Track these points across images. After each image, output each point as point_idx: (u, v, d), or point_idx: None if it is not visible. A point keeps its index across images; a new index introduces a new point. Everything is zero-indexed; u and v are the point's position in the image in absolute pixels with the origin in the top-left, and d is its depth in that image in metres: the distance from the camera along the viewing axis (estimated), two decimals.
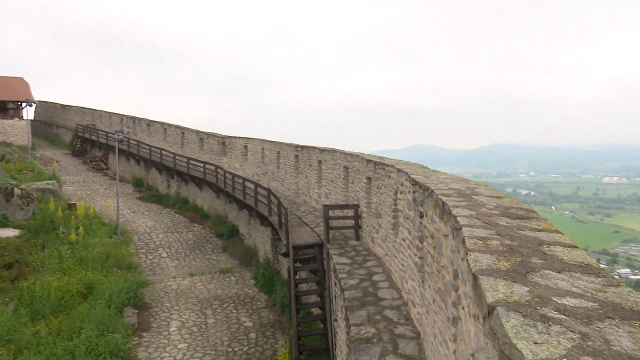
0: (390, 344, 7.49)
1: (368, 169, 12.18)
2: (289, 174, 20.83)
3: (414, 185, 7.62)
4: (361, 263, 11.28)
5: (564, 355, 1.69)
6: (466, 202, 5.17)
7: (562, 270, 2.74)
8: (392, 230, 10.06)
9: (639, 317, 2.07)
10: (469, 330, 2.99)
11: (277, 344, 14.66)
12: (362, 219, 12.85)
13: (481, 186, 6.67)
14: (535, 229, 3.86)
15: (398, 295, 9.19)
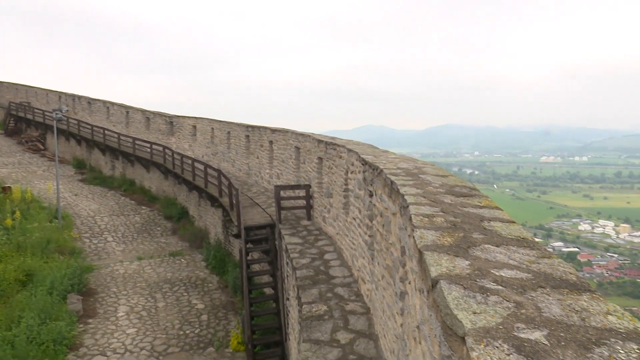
0: (341, 320, 7.67)
1: (319, 149, 12.22)
2: (240, 155, 20.56)
3: (364, 165, 7.74)
4: (313, 242, 11.40)
5: (499, 324, 1.79)
6: (414, 181, 5.31)
7: (501, 244, 2.90)
8: (343, 210, 10.21)
9: (567, 286, 2.23)
10: (415, 303, 3.11)
11: (230, 325, 14.65)
12: (314, 198, 12.94)
13: (428, 165, 6.88)
14: (477, 205, 4.03)
15: (349, 273, 9.38)
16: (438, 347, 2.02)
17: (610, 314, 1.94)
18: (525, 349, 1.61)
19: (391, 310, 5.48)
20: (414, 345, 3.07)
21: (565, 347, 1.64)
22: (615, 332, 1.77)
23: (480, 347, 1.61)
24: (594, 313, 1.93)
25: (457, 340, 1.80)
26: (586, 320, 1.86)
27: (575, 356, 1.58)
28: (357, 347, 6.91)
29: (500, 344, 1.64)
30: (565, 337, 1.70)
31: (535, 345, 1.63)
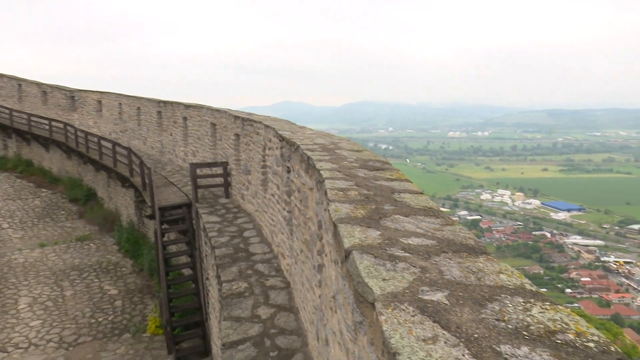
0: (262, 295, 7.73)
1: (236, 125, 11.97)
2: (152, 132, 19.53)
3: (282, 141, 7.73)
4: (232, 220, 11.26)
5: (406, 288, 1.91)
6: (330, 156, 5.41)
7: (410, 214, 3.06)
8: (261, 187, 10.16)
9: (467, 250, 2.43)
10: (331, 275, 3.21)
11: (147, 309, 14.15)
12: (232, 176, 12.72)
13: (344, 141, 7.03)
14: (389, 178, 4.22)
15: (269, 249, 9.43)
16: (351, 314, 2.11)
17: (502, 272, 2.14)
18: (428, 310, 1.73)
19: (310, 283, 5.61)
20: (331, 315, 3.18)
21: (463, 305, 1.79)
22: (505, 288, 1.97)
23: (388, 311, 1.71)
24: (488, 273, 2.12)
25: (367, 307, 1.89)
26: (481, 279, 2.04)
27: (471, 312, 1.73)
28: (278, 321, 7.02)
29: (407, 306, 1.75)
30: (463, 296, 1.86)
31: (437, 305, 1.77)
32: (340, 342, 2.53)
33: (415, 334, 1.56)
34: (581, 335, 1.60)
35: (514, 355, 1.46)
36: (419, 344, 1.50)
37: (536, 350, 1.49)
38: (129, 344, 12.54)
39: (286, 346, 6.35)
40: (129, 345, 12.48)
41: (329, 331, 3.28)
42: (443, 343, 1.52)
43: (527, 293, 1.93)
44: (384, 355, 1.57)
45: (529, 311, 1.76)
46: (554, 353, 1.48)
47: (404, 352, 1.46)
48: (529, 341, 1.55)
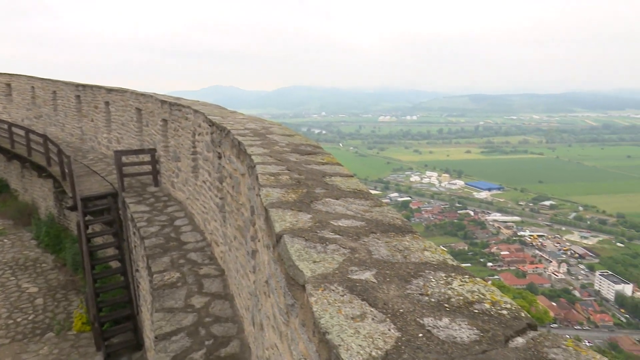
0: (195, 285, 7.57)
1: (163, 110, 11.48)
2: (71, 118, 18.24)
3: (212, 126, 7.53)
4: (162, 209, 10.87)
5: (336, 269, 1.96)
6: (261, 141, 5.36)
7: (340, 197, 3.12)
8: (192, 174, 9.87)
9: (394, 229, 2.52)
10: (264, 260, 3.20)
11: (72, 305, 13.38)
12: (161, 163, 12.24)
13: (275, 125, 6.98)
14: (320, 162, 4.26)
15: (202, 238, 9.23)
16: (283, 298, 2.13)
17: (426, 250, 2.25)
18: (357, 289, 1.79)
19: (244, 269, 5.58)
20: (265, 300, 3.19)
21: (389, 282, 1.86)
22: (429, 264, 2.07)
23: (318, 292, 1.74)
24: (414, 250, 2.22)
25: (298, 289, 1.91)
26: (407, 257, 2.14)
27: (397, 289, 1.81)
28: (213, 309, 6.92)
29: (336, 286, 1.79)
30: (390, 274, 1.94)
31: (365, 284, 1.83)
32: (274, 325, 2.55)
33: (345, 313, 1.60)
34: (496, 304, 1.73)
35: (436, 326, 1.55)
36: (347, 322, 1.54)
37: (456, 321, 1.59)
38: (53, 343, 11.82)
39: (222, 334, 6.29)
40: (52, 344, 11.76)
41: (264, 316, 3.29)
42: (371, 320, 1.57)
43: (449, 268, 2.05)
44: (315, 336, 1.61)
45: (450, 285, 1.87)
46: (471, 322, 1.59)
47: (333, 330, 1.50)
48: (449, 312, 1.65)
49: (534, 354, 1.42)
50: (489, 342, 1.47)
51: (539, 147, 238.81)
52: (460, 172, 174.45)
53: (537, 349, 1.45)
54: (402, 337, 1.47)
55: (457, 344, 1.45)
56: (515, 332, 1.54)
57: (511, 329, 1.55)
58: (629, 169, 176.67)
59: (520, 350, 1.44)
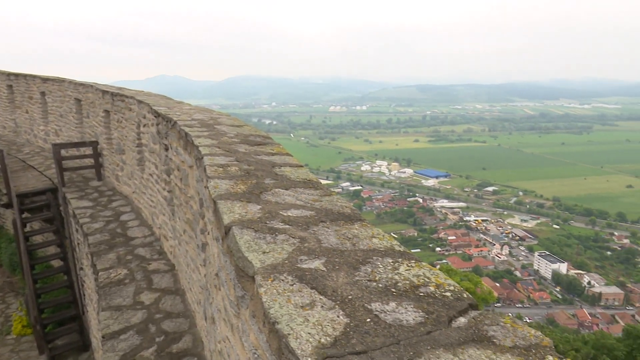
0: (144, 281, 7.35)
1: (105, 101, 10.98)
2: (2, 109, 17.07)
3: (157, 117, 7.29)
4: (106, 204, 10.43)
5: (285, 259, 1.96)
6: (209, 132, 5.25)
7: (290, 187, 3.12)
8: (138, 167, 9.53)
9: (343, 218, 2.55)
10: (214, 252, 3.16)
11: (10, 308, 12.64)
12: (104, 156, 11.72)
13: (224, 116, 6.86)
14: (270, 153, 4.23)
15: (150, 232, 8.95)
16: (233, 290, 2.11)
17: (374, 237, 2.30)
18: (306, 277, 1.80)
19: (195, 263, 5.48)
20: (216, 293, 3.15)
21: (339, 270, 1.89)
22: (377, 251, 2.12)
23: (268, 282, 1.74)
24: (362, 238, 2.26)
25: (248, 280, 1.90)
26: (356, 245, 2.17)
27: (346, 276, 1.84)
28: (164, 305, 6.76)
29: (286, 276, 1.80)
30: (339, 262, 1.96)
31: (315, 273, 1.84)
32: (225, 318, 2.53)
33: (294, 302, 1.61)
34: (440, 287, 1.79)
35: (383, 310, 1.59)
36: (297, 311, 1.55)
37: (402, 304, 1.64)
38: None
39: (173, 330, 6.16)
40: None
41: (215, 309, 3.25)
42: (320, 307, 1.59)
43: (396, 253, 2.10)
44: (265, 326, 1.61)
45: (397, 270, 1.92)
46: (417, 305, 1.65)
47: (282, 320, 1.50)
48: (396, 296, 1.70)
49: (474, 332, 1.49)
50: (433, 323, 1.53)
51: (482, 135, 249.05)
52: (409, 160, 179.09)
53: (477, 327, 1.52)
54: (351, 323, 1.50)
55: (403, 327, 1.49)
56: (458, 312, 1.61)
57: (454, 310, 1.62)
58: (564, 155, 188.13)
59: (462, 329, 1.51)
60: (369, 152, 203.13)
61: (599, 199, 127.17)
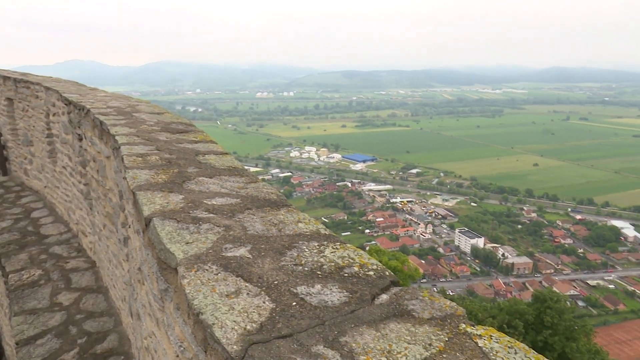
0: (62, 280, 6.88)
1: (7, 87, 10.01)
2: None
3: (68, 105, 6.78)
4: (14, 201, 9.59)
5: (210, 248, 1.92)
6: (126, 120, 4.98)
7: (214, 175, 3.05)
8: (49, 159, 8.83)
9: (269, 204, 2.55)
10: (136, 246, 3.03)
11: None
12: (9, 149, 10.72)
13: (143, 103, 6.53)
14: (193, 141, 4.10)
15: (66, 229, 8.37)
16: (157, 283, 2.04)
17: (300, 222, 2.32)
18: (231, 266, 1.78)
19: (117, 258, 5.22)
20: (140, 288, 3.03)
21: (264, 256, 1.89)
22: (303, 235, 2.14)
23: (191, 273, 1.70)
24: (288, 223, 2.27)
25: (171, 272, 1.85)
26: (282, 230, 2.18)
27: (272, 262, 1.84)
28: (85, 305, 6.39)
29: (210, 266, 1.77)
30: (265, 248, 1.96)
31: (240, 260, 1.83)
32: (150, 313, 2.44)
33: (219, 291, 1.59)
34: (364, 267, 1.85)
35: (309, 293, 1.62)
36: (222, 300, 1.53)
37: (327, 286, 1.68)
38: None
39: (97, 330, 5.85)
40: None
41: (140, 305, 3.13)
42: (245, 295, 1.58)
43: (322, 237, 2.14)
44: (190, 318, 1.57)
45: (323, 253, 1.96)
46: (342, 285, 1.69)
47: (207, 310, 1.48)
48: (321, 279, 1.73)
49: (396, 307, 1.56)
50: (357, 302, 1.58)
51: (405, 119, 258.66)
52: (337, 145, 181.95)
53: (398, 303, 1.59)
54: (277, 308, 1.51)
55: (328, 308, 1.53)
56: (380, 290, 1.68)
57: (377, 288, 1.69)
58: (479, 137, 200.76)
59: (384, 305, 1.57)
60: (297, 138, 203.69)
61: (510, 177, 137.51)
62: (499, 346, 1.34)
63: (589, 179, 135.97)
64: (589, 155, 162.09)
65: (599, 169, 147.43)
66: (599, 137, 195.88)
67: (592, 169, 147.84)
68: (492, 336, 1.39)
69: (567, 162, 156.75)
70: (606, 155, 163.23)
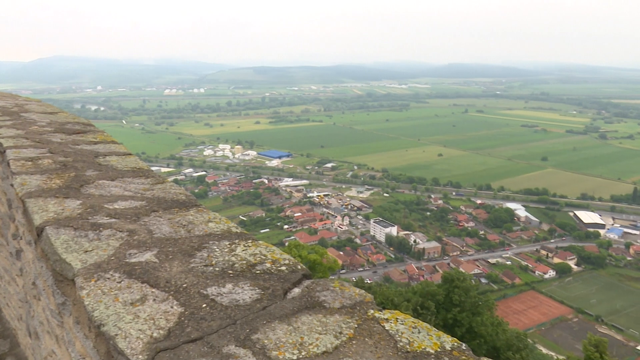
0: None
1: None
2: None
3: None
4: None
5: (112, 255, 1.81)
6: (13, 121, 4.51)
7: (117, 177, 2.87)
8: None
9: (178, 205, 2.45)
10: (29, 258, 2.77)
11: None
12: None
13: (33, 102, 5.96)
14: (92, 142, 3.83)
15: None
16: (53, 297, 1.88)
17: (210, 221, 2.26)
18: (136, 272, 1.69)
19: (10, 274, 4.73)
20: (36, 304, 2.78)
21: (172, 259, 1.82)
22: (214, 235, 2.09)
23: (90, 283, 1.59)
24: (198, 224, 2.21)
25: (68, 284, 1.72)
26: (191, 231, 2.11)
27: (180, 264, 1.78)
28: None
29: (112, 274, 1.66)
30: (173, 251, 1.89)
31: (146, 266, 1.74)
32: (49, 330, 2.25)
33: (122, 300, 1.50)
34: (276, 262, 1.86)
35: (220, 294, 1.59)
36: (126, 309, 1.45)
37: (239, 284, 1.66)
38: None
39: None
40: None
41: (37, 322, 2.87)
42: (152, 301, 1.51)
43: (233, 235, 2.11)
44: (91, 331, 1.47)
45: (234, 251, 1.93)
46: (253, 283, 1.68)
47: (109, 321, 1.39)
48: (233, 278, 1.71)
49: (308, 300, 1.59)
50: (269, 298, 1.58)
51: (318, 115, 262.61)
52: (252, 142, 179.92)
53: (310, 295, 1.62)
54: (186, 312, 1.47)
55: (239, 307, 1.51)
56: (293, 284, 1.69)
57: (289, 282, 1.70)
58: (388, 131, 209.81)
59: (296, 299, 1.59)
60: (210, 136, 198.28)
61: (418, 167, 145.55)
62: (404, 327, 1.42)
63: (486, 167, 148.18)
64: (486, 145, 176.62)
65: (494, 156, 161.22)
66: (493, 128, 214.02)
67: (488, 157, 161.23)
68: (398, 319, 1.47)
69: (468, 151, 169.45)
70: (500, 144, 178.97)
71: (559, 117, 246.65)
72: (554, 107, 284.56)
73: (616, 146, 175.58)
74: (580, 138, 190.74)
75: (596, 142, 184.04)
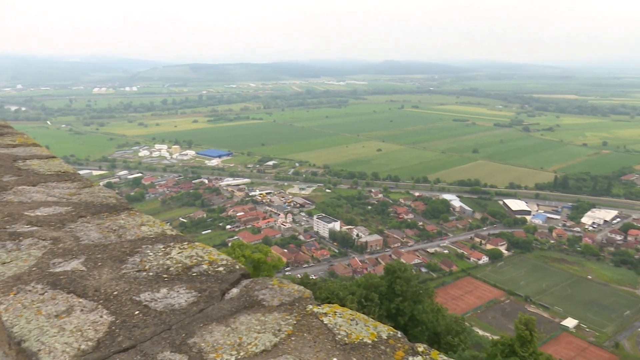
0: None
1: None
2: None
3: None
4: None
5: (34, 265, 1.69)
6: None
7: (39, 182, 2.69)
8: None
9: (108, 209, 2.34)
10: None
11: None
12: None
13: None
14: (10, 144, 3.56)
15: None
16: None
17: (144, 224, 2.17)
18: (61, 282, 1.59)
19: None
20: None
21: (102, 266, 1.73)
22: (147, 239, 2.01)
23: (9, 297, 1.48)
24: (130, 228, 2.12)
25: None
26: (122, 236, 2.02)
27: (111, 271, 1.70)
28: None
29: (34, 285, 1.56)
30: (103, 257, 1.80)
31: (72, 275, 1.65)
32: None
33: (46, 312, 1.41)
34: (213, 263, 1.82)
35: (154, 299, 1.53)
36: (50, 322, 1.37)
37: (174, 288, 1.61)
38: None
39: None
40: None
41: None
42: (79, 312, 1.43)
43: (168, 238, 2.04)
44: (11, 348, 1.37)
45: (169, 254, 1.87)
46: (190, 285, 1.64)
47: (31, 336, 1.30)
48: (168, 282, 1.65)
49: (246, 299, 1.57)
50: (206, 300, 1.54)
51: (258, 112, 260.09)
52: (190, 142, 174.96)
53: (249, 295, 1.60)
54: (117, 320, 1.40)
55: (175, 311, 1.47)
56: (231, 284, 1.67)
57: (227, 283, 1.67)
58: (328, 127, 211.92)
59: (234, 299, 1.57)
60: (145, 136, 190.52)
61: (358, 162, 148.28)
62: (342, 320, 1.44)
63: (422, 160, 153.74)
64: (422, 139, 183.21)
65: (430, 150, 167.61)
66: (428, 122, 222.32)
67: (424, 150, 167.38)
68: (337, 312, 1.49)
69: (405, 145, 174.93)
70: (435, 137, 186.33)
71: (487, 111, 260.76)
72: (482, 102, 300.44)
73: (538, 138, 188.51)
74: (507, 131, 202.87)
75: (521, 135, 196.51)
